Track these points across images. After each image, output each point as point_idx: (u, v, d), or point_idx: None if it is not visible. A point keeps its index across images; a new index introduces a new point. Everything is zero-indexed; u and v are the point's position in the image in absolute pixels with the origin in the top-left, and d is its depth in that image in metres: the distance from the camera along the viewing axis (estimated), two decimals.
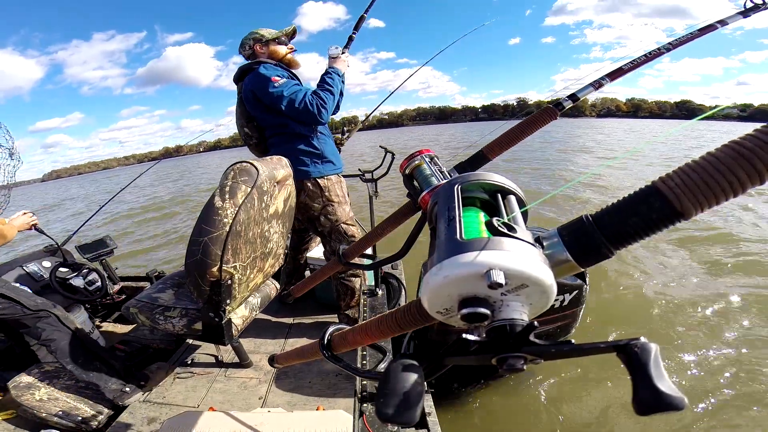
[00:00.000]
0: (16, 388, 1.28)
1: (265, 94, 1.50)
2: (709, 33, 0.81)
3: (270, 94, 1.49)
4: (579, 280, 1.36)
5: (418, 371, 0.26)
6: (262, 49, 1.63)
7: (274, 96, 1.48)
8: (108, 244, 2.08)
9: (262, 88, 1.50)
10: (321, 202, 1.63)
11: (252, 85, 1.53)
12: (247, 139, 1.75)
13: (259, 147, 1.75)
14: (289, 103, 1.48)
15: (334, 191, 1.66)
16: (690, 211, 0.22)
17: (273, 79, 1.49)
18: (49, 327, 1.29)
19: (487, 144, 0.65)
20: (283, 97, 1.48)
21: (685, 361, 2.03)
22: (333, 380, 1.41)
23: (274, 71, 1.53)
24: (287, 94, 1.48)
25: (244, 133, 1.73)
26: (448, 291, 0.25)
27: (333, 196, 1.65)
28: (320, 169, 1.62)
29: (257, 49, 1.63)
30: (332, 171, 1.67)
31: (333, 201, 1.65)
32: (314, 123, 1.57)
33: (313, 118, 1.51)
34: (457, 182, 0.34)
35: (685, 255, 3.42)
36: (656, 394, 0.19)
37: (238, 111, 1.70)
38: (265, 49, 1.63)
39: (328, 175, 1.65)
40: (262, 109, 1.57)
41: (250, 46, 1.63)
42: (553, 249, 0.27)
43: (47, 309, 1.31)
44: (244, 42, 1.66)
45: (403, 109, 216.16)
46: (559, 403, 1.78)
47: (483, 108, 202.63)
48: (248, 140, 1.75)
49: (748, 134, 0.21)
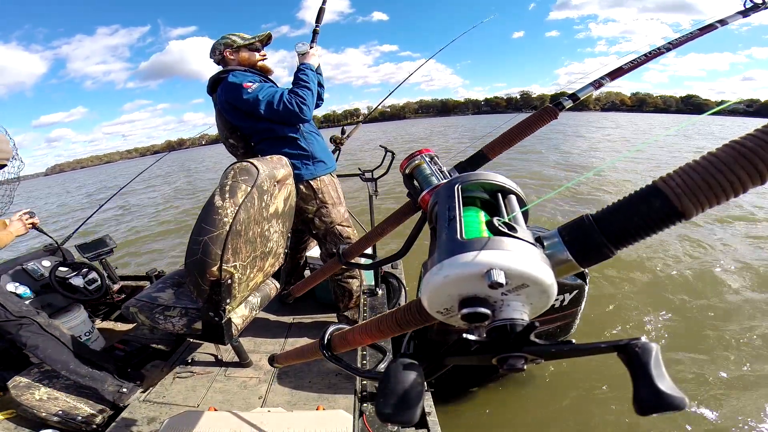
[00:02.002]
0: (15, 387, 1.28)
1: (241, 102, 1.46)
2: (709, 32, 0.81)
3: (246, 102, 1.45)
4: (579, 280, 1.36)
5: (418, 371, 0.25)
6: (231, 55, 1.57)
7: (250, 102, 1.44)
8: (108, 243, 2.08)
9: (236, 97, 1.46)
10: (315, 204, 1.61)
11: (225, 95, 1.49)
12: (233, 150, 1.70)
13: (246, 156, 1.68)
14: (268, 106, 1.44)
15: (328, 193, 1.63)
16: (691, 211, 0.22)
17: (245, 86, 1.45)
18: (33, 335, 1.27)
19: (487, 144, 0.65)
20: (259, 101, 1.43)
21: (686, 360, 2.03)
22: (333, 380, 1.41)
23: (243, 77, 1.49)
24: (263, 97, 1.44)
25: (229, 144, 1.68)
26: (448, 291, 0.25)
27: (327, 197, 1.62)
28: (312, 171, 1.59)
29: (227, 55, 1.57)
30: (324, 171, 1.64)
31: (327, 203, 1.62)
32: (297, 122, 1.53)
33: (295, 116, 1.46)
34: (458, 182, 0.34)
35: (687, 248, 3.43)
36: (657, 394, 0.19)
37: (219, 123, 1.65)
38: (235, 55, 1.58)
39: (321, 176, 1.62)
40: (242, 117, 1.53)
41: (220, 51, 1.58)
42: (553, 249, 0.27)
43: (29, 316, 1.29)
44: (215, 47, 1.60)
45: (405, 102, 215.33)
46: (559, 402, 1.78)
47: (485, 101, 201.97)
48: (234, 151, 1.70)
49: (749, 134, 0.21)
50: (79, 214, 9.08)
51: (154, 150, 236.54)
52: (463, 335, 0.25)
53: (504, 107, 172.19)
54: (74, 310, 1.72)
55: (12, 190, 1.42)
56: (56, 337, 1.31)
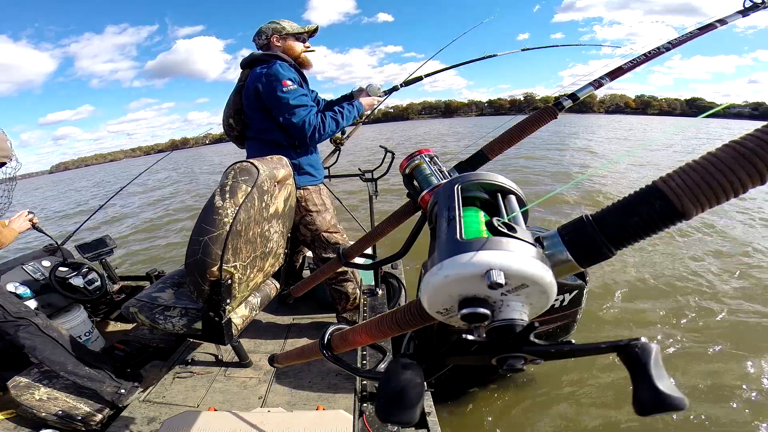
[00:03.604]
0: (15, 387, 1.28)
1: (271, 95, 1.43)
2: (708, 32, 0.81)
3: (276, 97, 1.42)
4: (579, 280, 1.36)
5: (418, 371, 0.26)
6: (278, 41, 1.55)
7: (280, 100, 1.41)
8: (108, 243, 2.07)
9: (271, 88, 1.42)
10: (299, 212, 1.59)
11: (260, 80, 1.44)
12: (229, 131, 1.68)
13: (239, 140, 1.69)
14: (290, 114, 1.42)
15: (312, 200, 1.61)
16: (690, 211, 0.22)
17: (284, 83, 1.41)
18: (31, 336, 1.27)
19: (486, 143, 0.65)
20: (287, 105, 1.41)
21: (686, 359, 2.03)
22: (333, 380, 1.41)
23: (288, 73, 1.45)
24: (293, 102, 1.41)
25: (227, 124, 1.66)
26: (448, 291, 0.25)
27: (311, 205, 1.60)
28: (297, 181, 1.54)
29: (273, 41, 1.54)
30: (308, 183, 1.61)
31: (311, 211, 1.60)
32: (301, 141, 1.52)
33: (302, 137, 1.45)
34: (458, 182, 0.34)
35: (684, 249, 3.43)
36: (657, 394, 0.19)
37: (232, 99, 1.62)
38: (281, 42, 1.55)
39: (305, 186, 1.60)
40: (256, 106, 1.50)
41: (267, 36, 1.54)
42: (553, 249, 0.27)
43: (28, 318, 1.28)
44: (262, 30, 1.56)
45: (408, 103, 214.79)
46: (559, 402, 1.78)
47: (489, 103, 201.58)
48: (230, 131, 1.68)
49: (749, 134, 0.21)
50: (83, 216, 9.07)
51: (158, 149, 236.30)
52: (462, 335, 0.25)
53: (507, 109, 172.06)
54: (74, 310, 1.72)
55: (10, 190, 1.42)
56: (54, 338, 1.31)
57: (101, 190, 15.27)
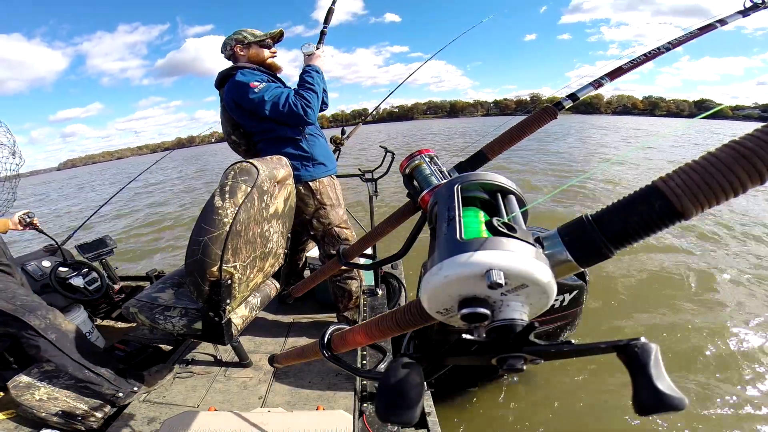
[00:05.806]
0: (15, 387, 1.27)
1: (246, 101, 1.45)
2: (709, 32, 0.81)
3: (251, 101, 1.44)
4: (579, 280, 1.36)
5: (418, 371, 0.26)
6: (242, 51, 1.56)
7: (255, 102, 1.44)
8: (108, 243, 2.07)
9: (242, 95, 1.45)
10: (313, 205, 1.60)
11: (231, 93, 1.49)
12: (236, 147, 1.70)
13: (248, 154, 1.70)
14: (273, 107, 1.43)
15: (327, 194, 1.62)
16: (690, 211, 0.22)
17: (251, 85, 1.44)
18: (31, 337, 1.27)
19: (486, 143, 0.65)
20: (265, 101, 1.43)
21: (686, 359, 2.03)
22: (333, 380, 1.41)
23: (252, 76, 1.48)
24: (269, 98, 1.43)
25: (231, 141, 1.68)
26: (448, 291, 0.25)
27: (325, 199, 1.61)
28: (311, 173, 1.58)
29: (237, 51, 1.56)
30: (323, 173, 1.63)
31: (325, 204, 1.61)
32: (301, 124, 1.53)
33: (299, 119, 1.46)
34: (457, 182, 0.34)
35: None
36: (656, 394, 0.19)
37: (223, 119, 1.65)
38: (245, 51, 1.57)
39: (320, 178, 1.61)
40: (246, 115, 1.53)
41: (231, 47, 1.57)
42: (553, 249, 0.27)
43: (24, 320, 1.28)
44: (226, 42, 1.59)
45: (413, 103, 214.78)
46: (559, 402, 1.78)
47: (495, 103, 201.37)
48: (237, 148, 1.70)
49: (749, 134, 0.21)
50: (81, 215, 9.07)
51: (164, 147, 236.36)
52: (462, 335, 0.25)
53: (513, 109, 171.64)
54: (74, 311, 1.72)
55: (13, 187, 1.42)
56: (52, 341, 1.31)
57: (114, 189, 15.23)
